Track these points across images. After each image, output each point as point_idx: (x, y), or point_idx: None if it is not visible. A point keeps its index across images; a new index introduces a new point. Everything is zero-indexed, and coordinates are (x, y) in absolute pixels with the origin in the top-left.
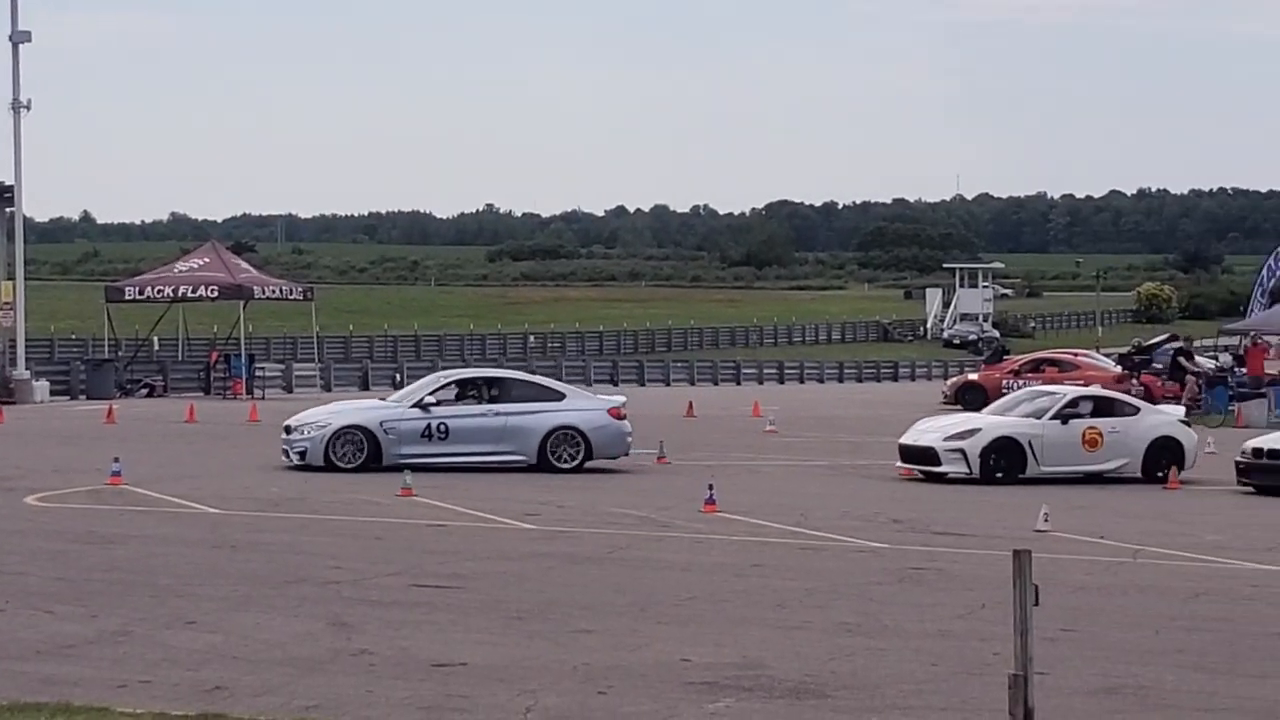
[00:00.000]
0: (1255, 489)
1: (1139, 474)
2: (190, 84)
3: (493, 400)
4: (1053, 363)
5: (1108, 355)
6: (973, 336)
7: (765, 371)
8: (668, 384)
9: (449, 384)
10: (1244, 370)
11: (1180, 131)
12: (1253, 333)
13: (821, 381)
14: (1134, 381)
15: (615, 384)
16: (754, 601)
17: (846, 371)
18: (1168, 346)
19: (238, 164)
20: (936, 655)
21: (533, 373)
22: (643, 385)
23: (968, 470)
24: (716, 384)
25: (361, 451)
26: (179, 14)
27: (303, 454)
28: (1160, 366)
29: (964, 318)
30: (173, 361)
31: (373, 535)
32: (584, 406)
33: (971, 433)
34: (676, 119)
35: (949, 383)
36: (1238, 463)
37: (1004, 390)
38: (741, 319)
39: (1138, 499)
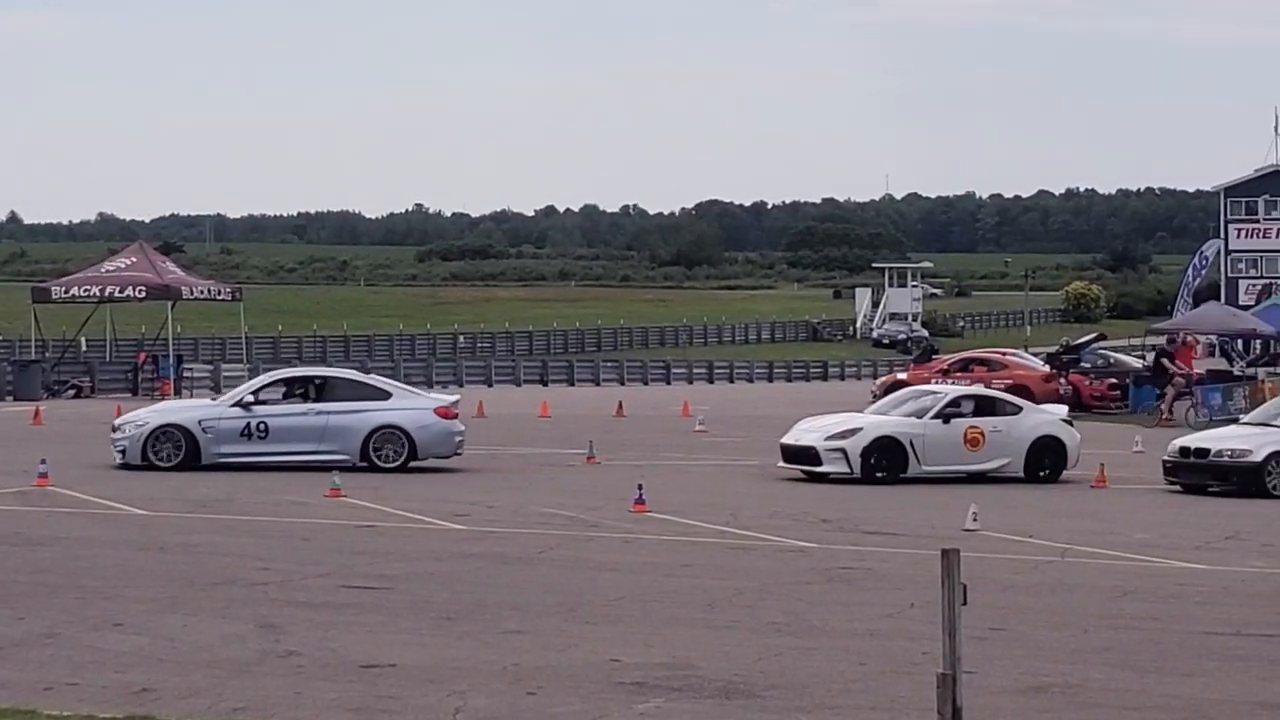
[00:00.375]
0: (1182, 488)
1: (1021, 473)
2: (118, 84)
3: (317, 399)
4: (981, 362)
5: (1036, 355)
6: (902, 336)
7: (695, 371)
8: (598, 384)
9: (275, 383)
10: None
11: (1108, 132)
12: (1180, 332)
13: (751, 381)
14: (1062, 381)
15: (545, 384)
16: (683, 601)
17: (776, 371)
18: (1095, 346)
19: (166, 164)
20: (865, 654)
21: (460, 372)
22: (572, 385)
23: (848, 470)
24: (646, 384)
25: (180, 450)
26: (107, 13)
27: (123, 452)
28: (1088, 366)
29: (893, 317)
30: (100, 362)
31: (301, 536)
32: (409, 405)
33: (852, 432)
34: (606, 119)
35: (878, 382)
36: (1165, 462)
37: None
38: (671, 319)
39: (1066, 498)
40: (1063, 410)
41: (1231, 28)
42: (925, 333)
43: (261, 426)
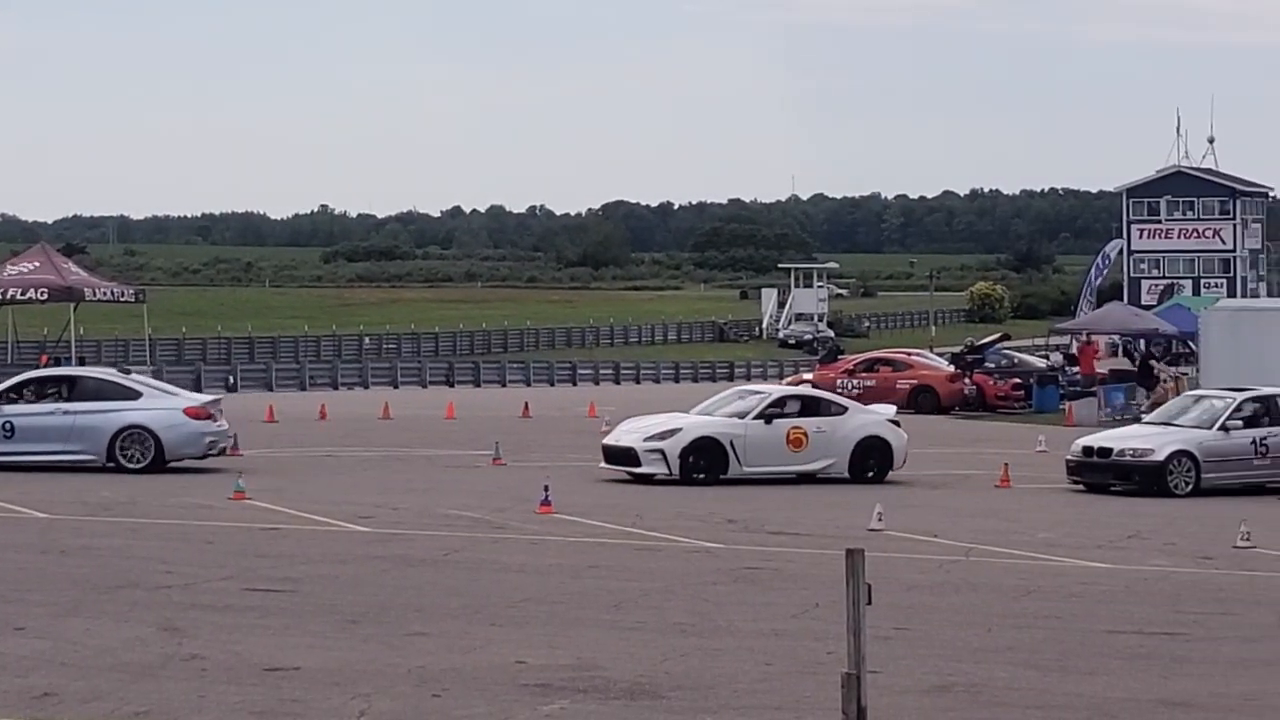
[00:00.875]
0: (1085, 487)
1: (846, 474)
2: (19, 84)
3: (67, 399)
4: (886, 362)
5: (941, 355)
6: (808, 336)
7: (601, 372)
8: (504, 385)
9: (27, 382)
10: (1075, 369)
11: (1012, 133)
12: (1084, 332)
13: (658, 382)
14: (966, 380)
15: (451, 385)
16: (589, 603)
17: (683, 372)
18: (999, 346)
19: (69, 165)
20: (770, 654)
21: (365, 374)
22: (478, 386)
23: (667, 471)
24: (553, 385)
25: None
26: (4, 13)
27: None
28: (992, 365)
29: (799, 318)
30: (1, 365)
31: (204, 539)
32: (158, 406)
33: (671, 433)
34: (513, 119)
35: (784, 383)
36: (1068, 461)
37: (839, 390)
38: (578, 319)
39: (970, 498)
40: (890, 410)
41: (1134, 29)
42: (831, 333)
43: (8, 426)
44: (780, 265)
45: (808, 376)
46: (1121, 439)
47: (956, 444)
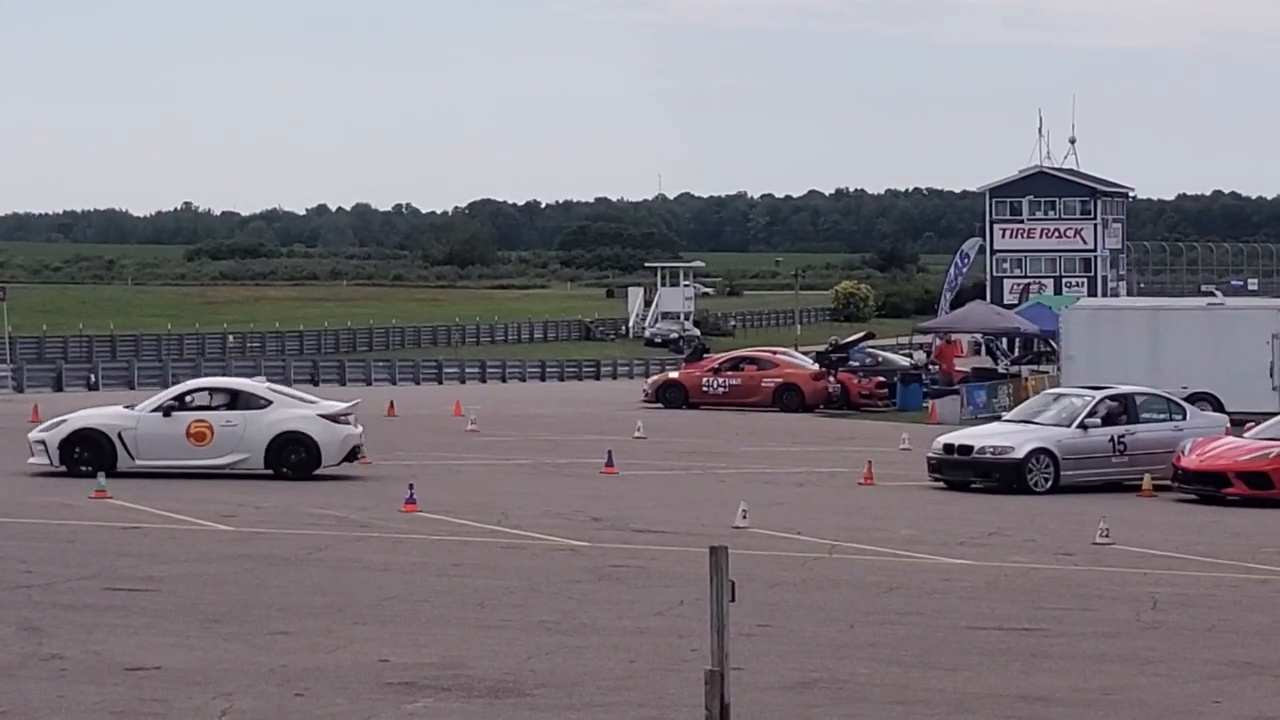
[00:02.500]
0: (946, 484)
1: (261, 468)
2: None
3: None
4: (751, 360)
5: (806, 353)
6: (674, 335)
7: (468, 370)
8: (369, 383)
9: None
10: (937, 368)
11: (877, 133)
12: (943, 332)
13: (524, 380)
14: (831, 379)
15: (315, 384)
16: (454, 601)
17: (549, 370)
18: (864, 345)
19: None
20: (634, 652)
21: (229, 373)
22: (344, 385)
23: (49, 462)
24: (418, 383)
25: None
26: None
27: None
28: (857, 364)
29: (665, 316)
30: None
31: (65, 538)
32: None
33: (57, 425)
34: (378, 117)
35: (650, 381)
36: (929, 459)
37: (704, 388)
38: (444, 318)
39: (834, 495)
40: (335, 406)
41: (997, 31)
42: (697, 332)
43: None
44: (647, 264)
45: (674, 375)
46: (981, 437)
47: (821, 442)
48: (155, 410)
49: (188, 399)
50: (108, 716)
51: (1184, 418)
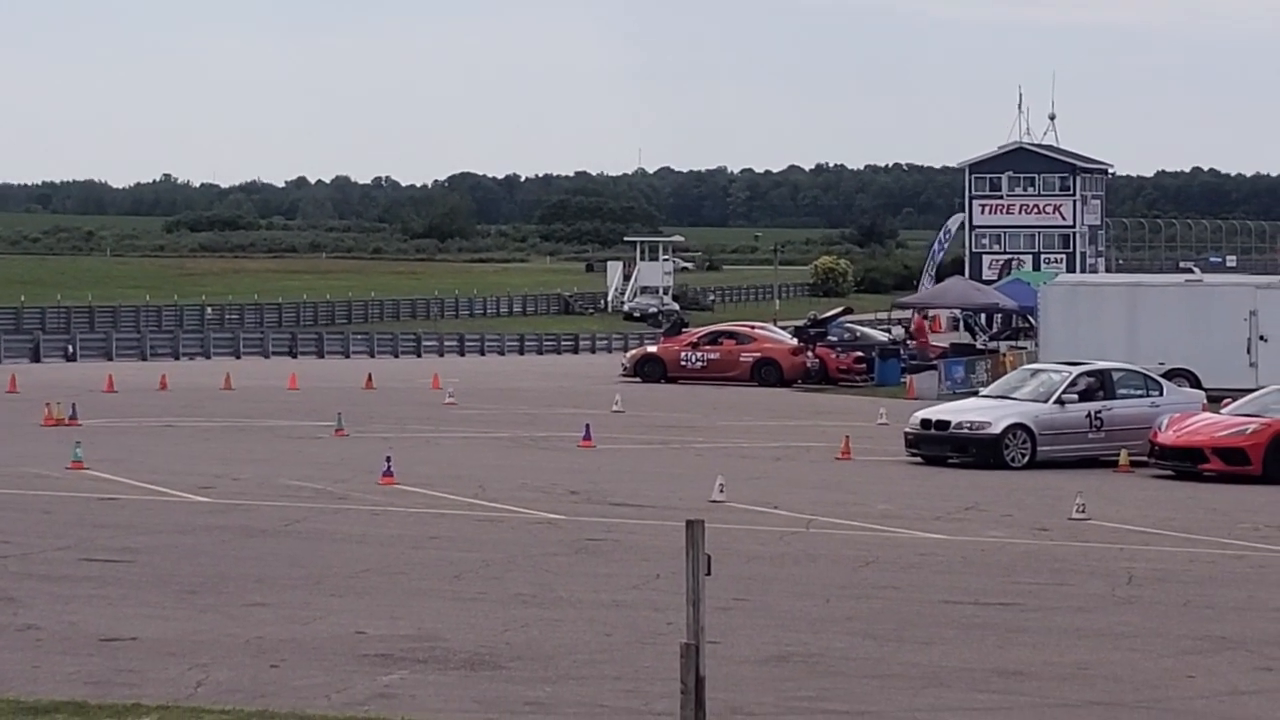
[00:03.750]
0: (923, 459)
1: None
2: None
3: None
4: (730, 335)
5: (784, 328)
6: (653, 309)
7: (446, 344)
8: (347, 356)
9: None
10: (915, 343)
11: (857, 109)
12: (920, 307)
13: (502, 354)
14: (809, 353)
15: (294, 356)
16: (430, 573)
17: (528, 344)
18: (842, 320)
19: None
20: (610, 625)
21: (207, 344)
22: (322, 357)
23: None
24: (397, 356)
25: None
26: None
27: None
28: (835, 339)
29: (644, 290)
30: None
31: (41, 509)
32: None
33: None
34: (358, 90)
35: (628, 355)
36: (906, 434)
37: (683, 362)
38: (423, 291)
39: (811, 470)
40: None
41: (978, 7)
42: (676, 306)
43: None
44: (626, 238)
45: (652, 349)
46: (959, 412)
47: (799, 416)
48: None
49: None
50: (83, 687)
51: (1161, 394)
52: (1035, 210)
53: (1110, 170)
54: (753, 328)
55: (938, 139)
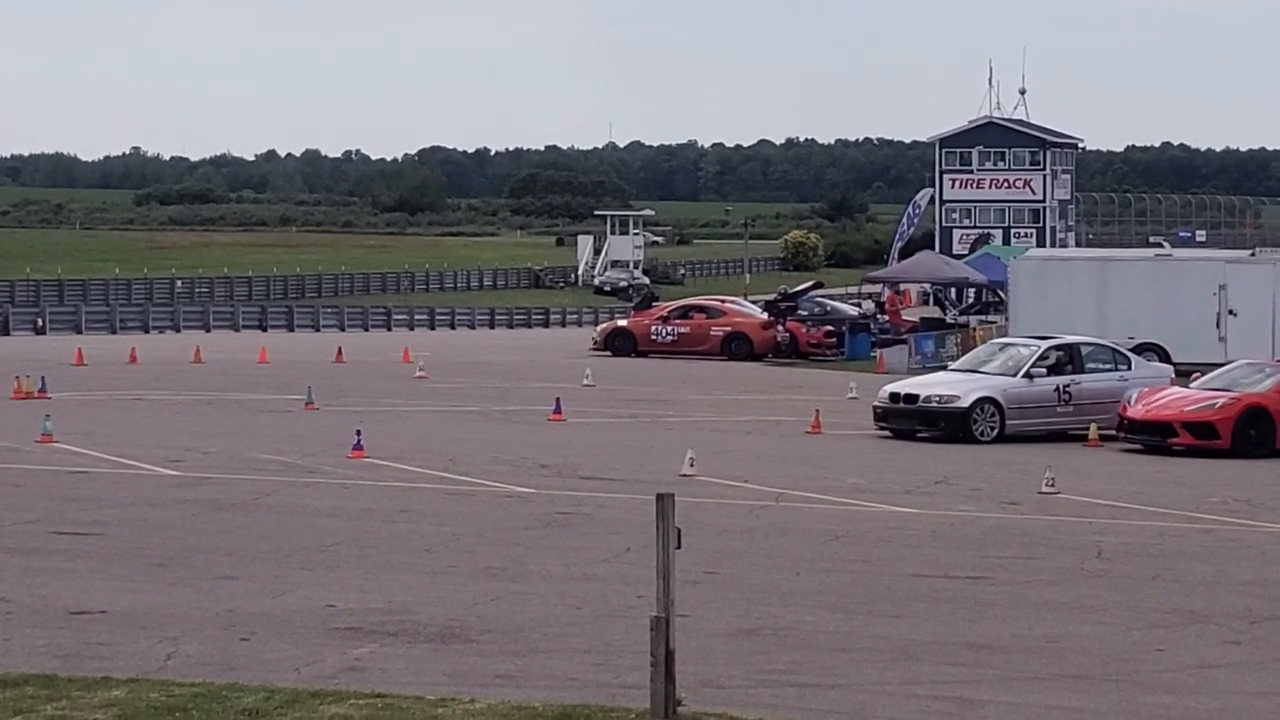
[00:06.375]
0: (892, 433)
1: None
2: None
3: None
4: (700, 309)
5: (755, 302)
6: (623, 283)
7: (416, 318)
8: (318, 330)
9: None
10: (885, 317)
11: (827, 82)
12: (891, 282)
13: (473, 328)
14: (780, 327)
15: (264, 330)
16: (400, 547)
17: (498, 318)
18: (812, 294)
19: None
20: (580, 599)
21: (177, 318)
22: (292, 331)
23: None
24: (367, 330)
25: None
26: None
27: None
28: (805, 313)
29: (615, 264)
30: None
31: (11, 483)
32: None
33: None
34: (328, 62)
35: (599, 329)
36: (875, 408)
37: (653, 336)
38: (393, 265)
39: (781, 444)
40: None
41: None
42: (646, 280)
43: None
44: (596, 212)
45: (622, 323)
46: (927, 385)
47: (769, 390)
48: None
49: None
50: (53, 660)
51: (1129, 368)
52: (1005, 185)
53: (1081, 145)
54: (723, 302)
55: (908, 113)
